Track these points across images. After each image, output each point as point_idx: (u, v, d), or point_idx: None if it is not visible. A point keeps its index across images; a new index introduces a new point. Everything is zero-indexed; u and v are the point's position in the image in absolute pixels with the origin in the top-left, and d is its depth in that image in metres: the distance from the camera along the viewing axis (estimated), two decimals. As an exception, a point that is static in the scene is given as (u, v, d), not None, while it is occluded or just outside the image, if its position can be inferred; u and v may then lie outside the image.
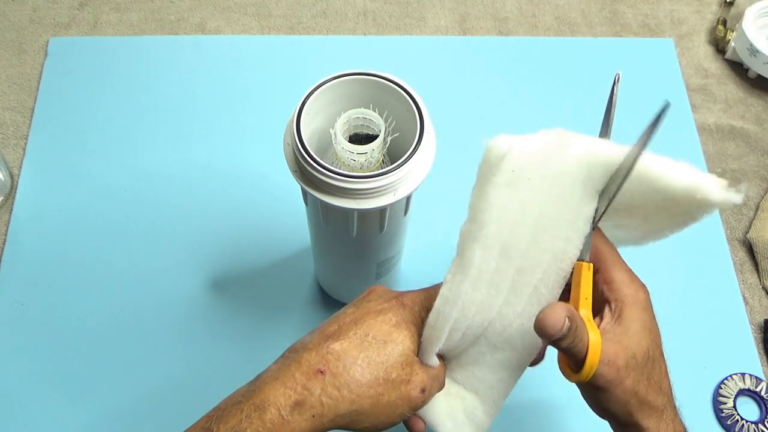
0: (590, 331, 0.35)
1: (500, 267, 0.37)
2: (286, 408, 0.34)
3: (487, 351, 0.40)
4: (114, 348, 0.59)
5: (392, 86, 0.44)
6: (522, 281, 0.38)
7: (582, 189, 0.36)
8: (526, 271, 0.37)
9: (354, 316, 0.39)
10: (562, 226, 0.37)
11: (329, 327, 0.38)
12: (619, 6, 0.83)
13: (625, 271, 0.39)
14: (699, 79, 0.78)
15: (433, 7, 0.82)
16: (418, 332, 0.39)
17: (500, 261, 0.37)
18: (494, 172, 0.36)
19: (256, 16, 0.80)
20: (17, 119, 0.71)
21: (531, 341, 0.39)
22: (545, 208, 0.37)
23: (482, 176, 0.37)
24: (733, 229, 0.69)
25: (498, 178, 0.36)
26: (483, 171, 0.37)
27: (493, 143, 0.37)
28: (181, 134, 0.70)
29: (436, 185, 0.67)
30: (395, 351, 0.37)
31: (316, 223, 0.49)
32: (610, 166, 0.36)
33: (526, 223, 0.37)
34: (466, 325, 0.38)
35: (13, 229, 0.64)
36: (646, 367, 0.37)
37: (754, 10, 0.77)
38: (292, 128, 0.42)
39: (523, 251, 0.37)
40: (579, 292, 0.37)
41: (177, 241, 0.64)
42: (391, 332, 0.38)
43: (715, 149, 0.73)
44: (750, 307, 0.64)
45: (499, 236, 0.37)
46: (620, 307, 0.37)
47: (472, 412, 0.40)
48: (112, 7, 0.79)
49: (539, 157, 0.37)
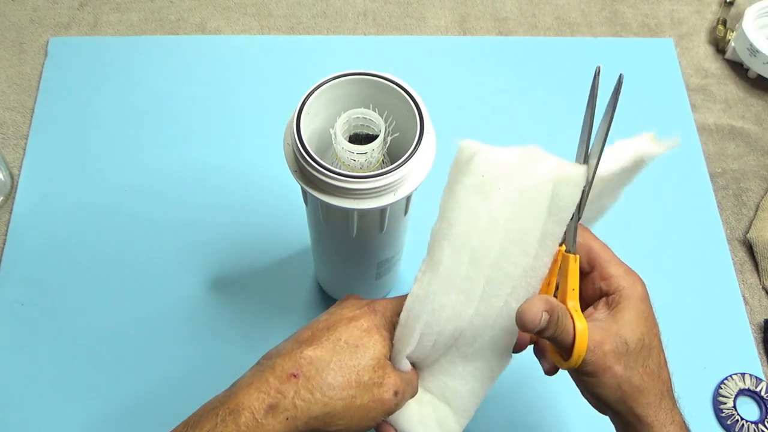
0: (577, 320, 0.36)
1: (470, 274, 0.38)
2: (260, 411, 0.35)
3: (459, 362, 0.41)
4: (114, 348, 0.59)
5: (392, 86, 0.44)
6: (492, 293, 0.38)
7: (549, 207, 0.37)
8: (496, 283, 0.38)
9: (327, 322, 0.40)
10: (531, 241, 0.38)
11: (303, 334, 0.39)
12: (619, 6, 0.83)
13: (621, 266, 0.40)
14: (699, 79, 0.78)
15: (433, 7, 0.82)
16: (390, 337, 0.39)
17: (470, 267, 0.38)
18: (464, 172, 0.38)
19: (256, 16, 0.80)
20: (17, 119, 0.71)
21: (502, 353, 0.40)
22: (515, 221, 0.37)
23: (452, 176, 0.38)
24: (733, 229, 0.69)
25: (467, 178, 0.37)
26: (453, 171, 0.38)
27: (463, 144, 0.38)
28: (181, 134, 0.70)
29: (436, 185, 0.67)
30: (367, 354, 0.38)
31: (316, 223, 0.49)
32: (576, 182, 0.37)
33: (496, 233, 0.38)
34: (437, 331, 0.39)
35: (13, 229, 0.64)
36: (641, 354, 0.37)
37: (754, 10, 0.77)
38: (292, 128, 0.42)
39: (493, 262, 0.38)
40: (566, 284, 0.38)
41: (177, 241, 0.64)
42: (362, 337, 0.38)
43: (715, 149, 0.73)
44: (750, 307, 0.64)
45: (468, 240, 0.38)
46: (617, 298, 0.39)
47: (444, 420, 0.41)
48: (112, 7, 0.79)
49: (511, 169, 0.38)
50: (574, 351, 0.36)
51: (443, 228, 0.38)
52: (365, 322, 0.39)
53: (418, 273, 0.38)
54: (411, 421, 0.41)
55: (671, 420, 0.38)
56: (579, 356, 0.36)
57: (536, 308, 0.35)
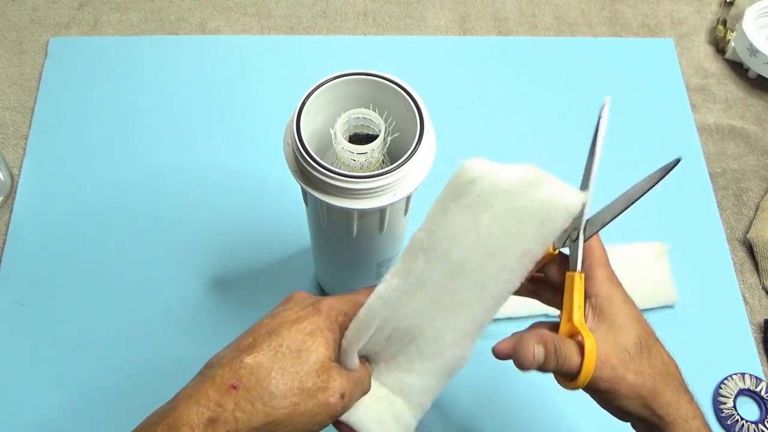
0: (586, 337, 0.36)
1: (442, 283, 0.38)
2: (199, 426, 0.34)
3: (417, 359, 0.40)
4: (114, 348, 0.59)
5: (392, 86, 0.44)
6: (461, 300, 0.39)
7: (537, 228, 0.37)
8: (466, 292, 0.38)
9: (269, 327, 0.39)
10: (511, 258, 0.38)
11: (244, 340, 0.38)
12: (619, 6, 0.83)
13: (606, 269, 0.40)
14: (699, 79, 0.78)
15: (433, 7, 0.82)
16: (335, 338, 0.38)
17: (443, 277, 0.38)
18: (461, 193, 0.37)
19: (256, 16, 0.80)
20: (17, 119, 0.71)
21: (462, 354, 0.40)
22: (500, 237, 0.38)
23: (449, 193, 0.38)
24: (733, 229, 0.69)
25: (464, 199, 0.37)
26: (450, 187, 0.38)
27: (468, 164, 0.38)
28: (181, 134, 0.70)
29: (436, 185, 0.67)
30: (310, 359, 0.37)
31: (316, 223, 0.49)
32: (570, 211, 0.38)
33: (478, 248, 0.38)
34: (394, 327, 0.39)
35: (13, 229, 0.64)
36: (643, 355, 0.38)
37: (754, 10, 0.77)
38: (292, 128, 0.42)
39: (468, 273, 0.38)
40: (572, 301, 0.38)
41: (177, 241, 0.64)
42: (305, 341, 0.37)
43: (715, 149, 0.73)
44: (750, 307, 0.64)
45: (448, 254, 0.38)
46: (600, 302, 0.39)
47: (400, 415, 0.41)
48: (112, 7, 0.79)
49: (509, 189, 0.38)
50: (582, 372, 0.36)
51: (423, 239, 0.38)
52: (308, 325, 0.38)
53: (386, 275, 0.38)
54: (366, 418, 0.40)
55: (693, 414, 0.38)
56: (587, 376, 0.36)
57: (527, 346, 0.37)
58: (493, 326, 0.61)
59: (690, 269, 0.65)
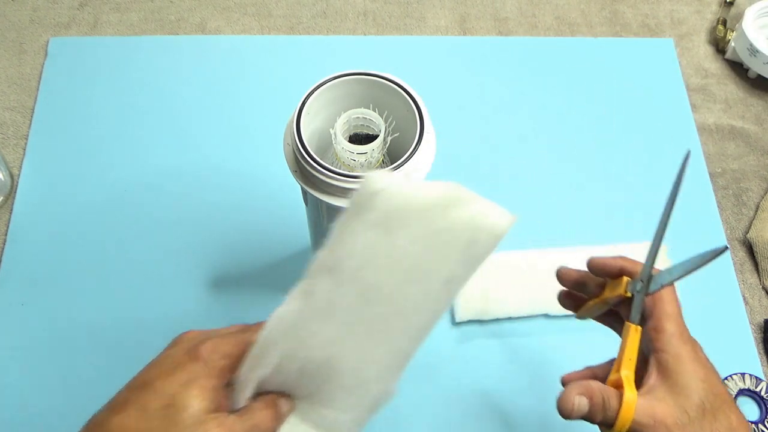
0: (627, 389, 0.37)
1: (357, 308, 0.36)
2: None
3: (339, 394, 0.38)
4: (114, 348, 0.59)
5: (392, 86, 0.44)
6: (382, 329, 0.36)
7: (462, 252, 0.35)
8: (387, 320, 0.36)
9: (144, 379, 0.37)
10: (435, 284, 0.35)
11: (120, 395, 0.37)
12: (619, 6, 0.83)
13: (677, 324, 0.39)
14: (699, 79, 0.78)
15: (433, 7, 0.82)
16: (214, 386, 0.36)
17: (357, 301, 0.35)
18: (364, 208, 0.35)
19: (256, 16, 0.80)
20: (17, 119, 0.71)
21: (387, 387, 0.38)
22: (421, 261, 0.35)
23: (350, 208, 0.35)
24: (733, 229, 0.69)
25: (369, 215, 0.34)
26: (352, 203, 0.35)
27: (370, 177, 0.35)
28: (181, 134, 0.70)
29: (436, 185, 0.67)
30: (182, 416, 0.34)
31: (316, 223, 0.49)
32: (497, 234, 0.35)
33: (395, 271, 0.35)
34: (305, 357, 0.36)
35: (13, 229, 0.64)
36: (705, 420, 0.36)
37: (754, 10, 0.77)
38: (292, 128, 0.42)
39: (387, 299, 0.35)
40: (624, 353, 0.38)
41: (177, 241, 0.64)
42: (177, 394, 0.35)
43: (715, 149, 0.73)
44: (750, 307, 0.64)
45: (358, 274, 0.35)
46: (665, 359, 0.38)
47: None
48: (112, 7, 0.79)
49: (427, 208, 0.35)
50: (617, 423, 0.36)
51: (325, 257, 0.35)
52: (183, 375, 0.35)
53: (288, 296, 0.36)
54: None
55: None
56: (623, 428, 0.36)
57: (568, 398, 0.37)
58: (495, 326, 0.61)
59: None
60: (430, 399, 0.58)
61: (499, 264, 0.62)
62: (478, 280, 0.61)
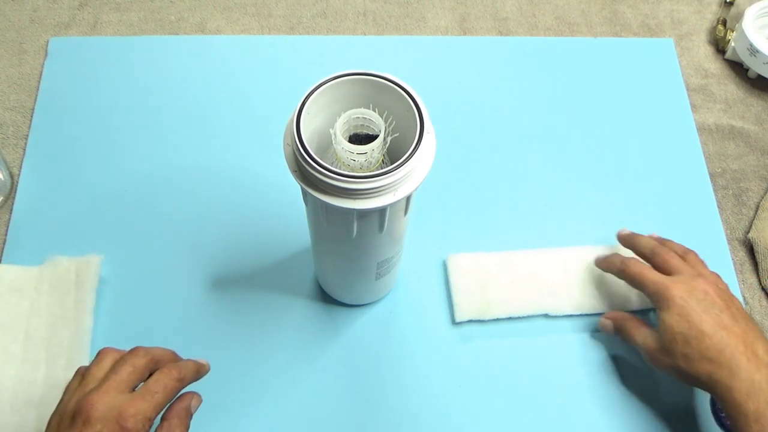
0: None
1: (25, 348, 0.53)
2: None
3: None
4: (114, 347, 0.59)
5: (392, 86, 0.44)
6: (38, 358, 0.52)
7: (76, 283, 0.54)
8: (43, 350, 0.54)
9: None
10: (68, 309, 0.55)
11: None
12: (619, 6, 0.83)
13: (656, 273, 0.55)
14: (699, 79, 0.78)
15: (433, 7, 0.82)
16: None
17: (26, 344, 0.54)
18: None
19: (256, 16, 0.80)
20: (17, 119, 0.71)
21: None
22: (53, 301, 0.55)
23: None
24: (733, 229, 0.69)
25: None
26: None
27: None
28: (181, 134, 0.70)
29: (436, 185, 0.67)
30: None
31: (316, 223, 0.49)
32: (95, 263, 0.59)
33: (41, 315, 0.56)
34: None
35: (13, 229, 0.64)
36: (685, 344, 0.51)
37: (754, 10, 0.77)
38: (292, 128, 0.42)
39: (44, 335, 0.56)
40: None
41: (177, 241, 0.64)
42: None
43: (715, 149, 0.73)
44: (750, 307, 0.64)
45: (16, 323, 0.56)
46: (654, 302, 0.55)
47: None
48: (112, 7, 0.79)
49: (39, 272, 0.58)
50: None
51: None
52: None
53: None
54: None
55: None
56: None
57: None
58: (493, 326, 0.61)
59: (690, 269, 0.65)
60: (430, 399, 0.58)
61: (499, 263, 0.62)
62: (478, 279, 0.61)
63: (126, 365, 0.44)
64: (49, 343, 0.57)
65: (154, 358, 0.46)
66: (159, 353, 0.47)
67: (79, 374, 0.46)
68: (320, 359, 0.59)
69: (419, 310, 0.62)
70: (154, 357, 0.46)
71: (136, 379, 0.45)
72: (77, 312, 0.58)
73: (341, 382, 0.58)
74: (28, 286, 0.59)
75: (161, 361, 0.47)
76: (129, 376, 0.44)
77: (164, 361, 0.47)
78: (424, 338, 0.60)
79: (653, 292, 0.54)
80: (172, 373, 0.45)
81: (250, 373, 0.58)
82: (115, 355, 0.46)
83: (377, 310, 0.62)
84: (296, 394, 0.57)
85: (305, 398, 0.57)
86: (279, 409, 0.57)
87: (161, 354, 0.47)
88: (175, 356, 0.49)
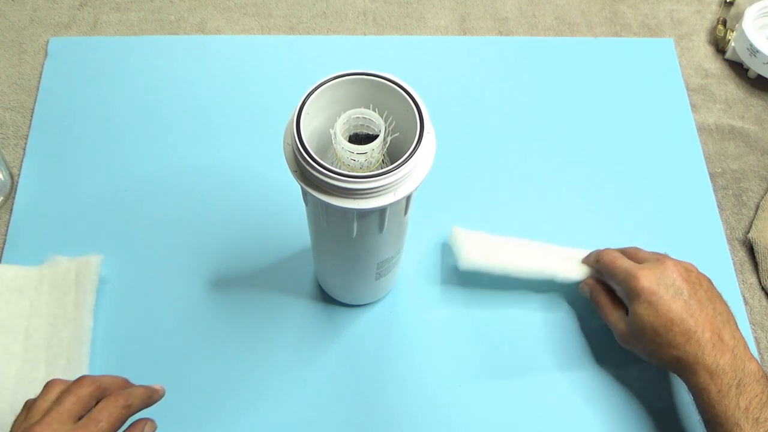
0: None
1: (26, 348, 0.55)
2: None
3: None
4: (114, 348, 0.59)
5: (392, 86, 0.44)
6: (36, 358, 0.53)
7: (76, 283, 0.56)
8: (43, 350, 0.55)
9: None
10: (69, 309, 0.56)
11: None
12: (619, 6, 0.83)
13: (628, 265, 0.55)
14: (699, 79, 0.78)
15: (433, 7, 0.82)
16: None
17: (26, 344, 0.55)
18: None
19: (256, 16, 0.80)
20: (17, 119, 0.71)
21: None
22: (53, 301, 0.56)
23: None
24: (733, 229, 0.69)
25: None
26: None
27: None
28: (181, 134, 0.70)
29: (436, 185, 0.67)
30: None
31: (316, 223, 0.49)
32: (95, 264, 0.60)
33: (41, 315, 0.56)
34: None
35: (13, 229, 0.64)
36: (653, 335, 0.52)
37: (754, 10, 0.77)
38: (292, 128, 0.42)
39: (43, 335, 0.57)
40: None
41: (177, 241, 0.64)
42: None
43: (715, 149, 0.73)
44: (750, 307, 0.64)
45: (17, 324, 0.57)
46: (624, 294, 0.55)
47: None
48: (112, 7, 0.79)
49: (38, 273, 0.59)
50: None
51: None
52: None
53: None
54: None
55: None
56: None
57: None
58: (494, 326, 0.61)
59: (690, 269, 0.65)
60: (430, 399, 0.58)
61: (503, 242, 0.62)
62: (483, 238, 0.60)
63: (70, 395, 0.43)
64: (49, 343, 0.57)
65: (101, 386, 0.44)
66: (107, 381, 0.45)
67: (26, 407, 0.44)
68: (320, 359, 0.59)
69: (419, 310, 0.62)
70: (100, 385, 0.44)
71: (80, 408, 0.43)
72: (77, 312, 0.58)
73: (341, 382, 0.58)
74: (28, 286, 0.59)
75: (109, 389, 0.45)
76: (73, 405, 0.42)
77: (112, 388, 0.45)
78: (424, 338, 0.60)
79: (622, 281, 0.54)
80: (119, 401, 0.44)
81: (250, 373, 0.58)
82: (62, 386, 0.44)
83: (377, 310, 0.62)
84: (296, 394, 0.57)
85: (305, 398, 0.57)
86: (279, 409, 0.57)
87: (109, 382, 0.45)
88: (126, 383, 0.47)
